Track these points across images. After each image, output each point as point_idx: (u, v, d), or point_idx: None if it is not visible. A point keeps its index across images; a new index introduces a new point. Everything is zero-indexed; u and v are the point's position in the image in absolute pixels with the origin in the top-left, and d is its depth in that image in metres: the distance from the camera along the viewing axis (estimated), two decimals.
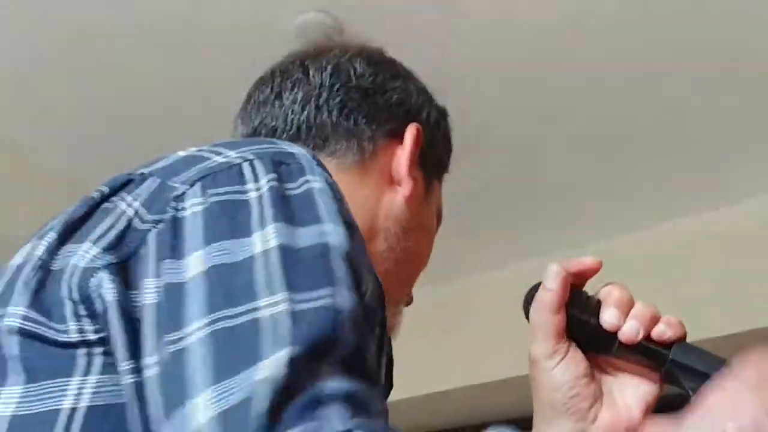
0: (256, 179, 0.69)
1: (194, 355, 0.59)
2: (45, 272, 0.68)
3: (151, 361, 0.61)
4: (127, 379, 0.61)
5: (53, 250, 0.69)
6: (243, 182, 0.69)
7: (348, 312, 0.62)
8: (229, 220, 0.66)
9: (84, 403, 0.63)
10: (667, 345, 0.82)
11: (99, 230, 0.68)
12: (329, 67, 0.98)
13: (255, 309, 0.60)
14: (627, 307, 0.82)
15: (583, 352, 0.84)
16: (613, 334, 0.82)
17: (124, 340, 0.62)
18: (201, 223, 0.66)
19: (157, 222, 0.67)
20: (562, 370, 0.82)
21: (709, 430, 0.64)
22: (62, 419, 0.62)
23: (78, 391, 0.63)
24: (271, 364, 0.57)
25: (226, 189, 0.68)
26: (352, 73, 0.98)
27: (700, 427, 0.65)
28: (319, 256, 0.65)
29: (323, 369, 0.58)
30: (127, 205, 0.69)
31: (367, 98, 0.97)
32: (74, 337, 0.64)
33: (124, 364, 0.62)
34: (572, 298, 0.84)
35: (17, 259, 0.73)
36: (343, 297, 0.63)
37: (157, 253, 0.65)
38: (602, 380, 0.84)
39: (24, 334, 0.66)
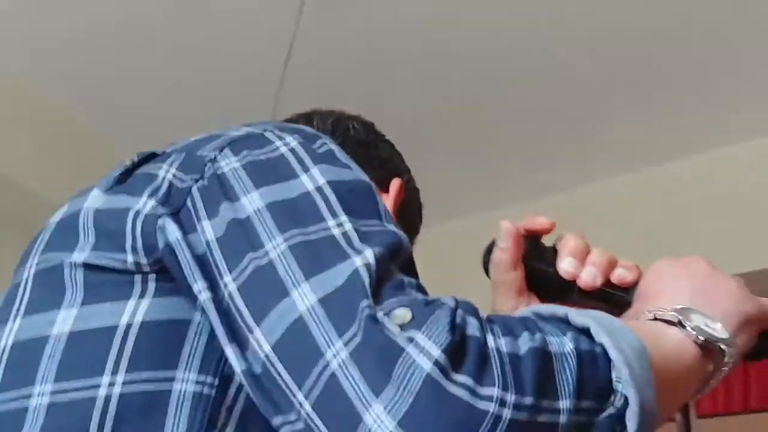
0: (282, 139, 0.79)
1: (279, 264, 0.68)
2: (100, 215, 0.78)
3: (229, 279, 0.70)
4: (203, 296, 0.70)
5: (102, 199, 0.80)
6: (270, 143, 0.78)
7: (401, 233, 0.73)
8: (271, 170, 0.75)
9: (139, 318, 0.73)
10: (624, 289, 0.85)
11: (149, 189, 0.77)
12: (331, 119, 1.13)
13: (326, 228, 0.70)
14: (583, 255, 0.87)
15: (545, 301, 0.88)
16: (571, 282, 0.86)
17: (195, 266, 0.71)
18: (244, 174, 0.75)
19: (197, 179, 0.76)
20: None
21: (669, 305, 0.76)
22: (120, 331, 0.72)
23: (134, 310, 0.73)
24: (363, 258, 0.67)
25: (257, 151, 0.77)
26: (350, 126, 1.13)
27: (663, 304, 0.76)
28: (364, 190, 0.76)
29: (396, 268, 0.69)
30: (165, 171, 0.78)
31: (361, 148, 1.10)
32: (131, 266, 0.74)
33: (200, 284, 0.71)
34: (530, 250, 0.88)
35: (58, 216, 0.84)
36: (392, 225, 0.74)
37: (207, 201, 0.74)
38: None
39: (88, 266, 0.76)
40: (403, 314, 0.63)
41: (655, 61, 2.64)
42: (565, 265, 0.86)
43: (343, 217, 0.71)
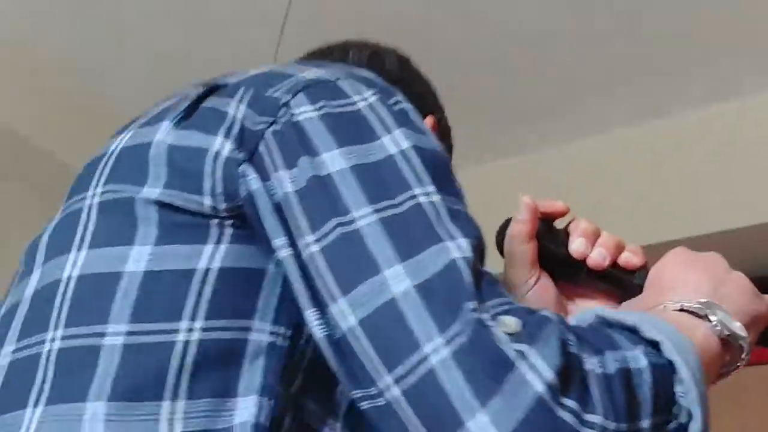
0: (359, 92, 0.76)
1: (368, 236, 0.66)
2: (174, 152, 0.75)
3: (311, 239, 0.68)
4: (284, 253, 0.69)
5: (173, 134, 0.76)
6: (347, 95, 0.76)
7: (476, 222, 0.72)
8: (352, 127, 0.73)
9: (217, 264, 0.71)
10: (630, 272, 0.88)
11: (223, 129, 0.74)
12: (367, 53, 1.08)
13: (413, 197, 0.69)
14: (594, 237, 0.89)
15: (556, 280, 0.90)
16: (581, 263, 0.89)
17: (275, 219, 0.70)
18: (323, 128, 0.72)
19: (271, 123, 0.73)
20: (534, 296, 0.88)
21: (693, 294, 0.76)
22: (198, 276, 0.71)
23: (211, 255, 0.71)
24: (459, 248, 0.66)
25: (333, 102, 0.75)
26: (385, 61, 1.08)
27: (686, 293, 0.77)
28: (444, 160, 0.74)
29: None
30: (235, 109, 0.75)
31: (395, 83, 1.04)
32: (208, 210, 0.72)
33: (280, 240, 0.70)
34: (543, 230, 0.90)
35: (120, 144, 0.80)
36: (466, 206, 0.73)
37: (283, 149, 0.72)
38: (568, 308, 0.91)
39: (161, 205, 0.73)
40: (512, 323, 0.63)
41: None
42: (577, 245, 0.89)
43: (430, 187, 0.70)
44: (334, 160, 0.70)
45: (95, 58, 2.84)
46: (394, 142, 0.72)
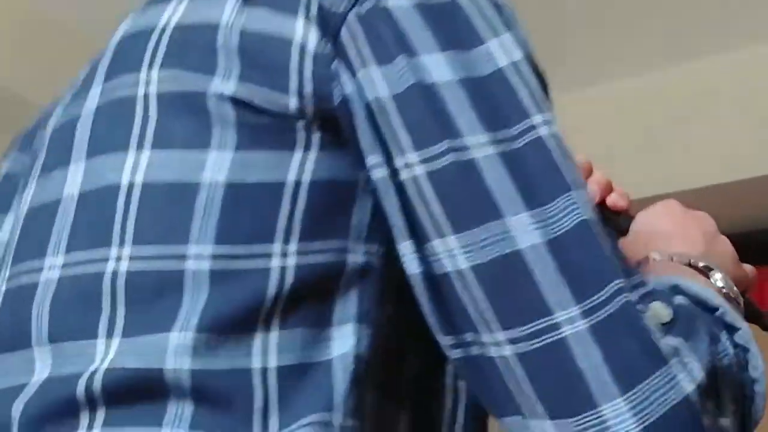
0: None
1: (487, 172, 0.59)
2: (249, 39, 0.64)
3: (414, 159, 0.59)
4: (379, 173, 0.61)
5: (244, 15, 0.65)
6: None
7: None
8: (452, 24, 0.63)
9: (308, 176, 0.62)
10: (616, 213, 0.88)
11: (301, 9, 0.63)
12: None
13: (533, 127, 0.60)
14: (586, 173, 0.87)
15: None
16: None
17: (370, 133, 0.61)
18: (420, 22, 0.62)
19: (353, 3, 0.63)
20: None
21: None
22: (288, 190, 0.61)
23: (300, 165, 0.62)
24: (588, 201, 0.60)
25: None
26: None
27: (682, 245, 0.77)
28: (544, 74, 0.66)
29: None
30: None
31: None
32: (293, 111, 0.62)
33: (375, 157, 0.61)
34: None
35: (173, 18, 0.67)
36: None
37: (372, 40, 0.62)
38: None
39: (236, 101, 0.62)
40: (664, 312, 0.59)
41: None
42: None
43: (548, 114, 0.61)
44: (439, 68, 0.61)
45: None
46: (504, 50, 0.62)
